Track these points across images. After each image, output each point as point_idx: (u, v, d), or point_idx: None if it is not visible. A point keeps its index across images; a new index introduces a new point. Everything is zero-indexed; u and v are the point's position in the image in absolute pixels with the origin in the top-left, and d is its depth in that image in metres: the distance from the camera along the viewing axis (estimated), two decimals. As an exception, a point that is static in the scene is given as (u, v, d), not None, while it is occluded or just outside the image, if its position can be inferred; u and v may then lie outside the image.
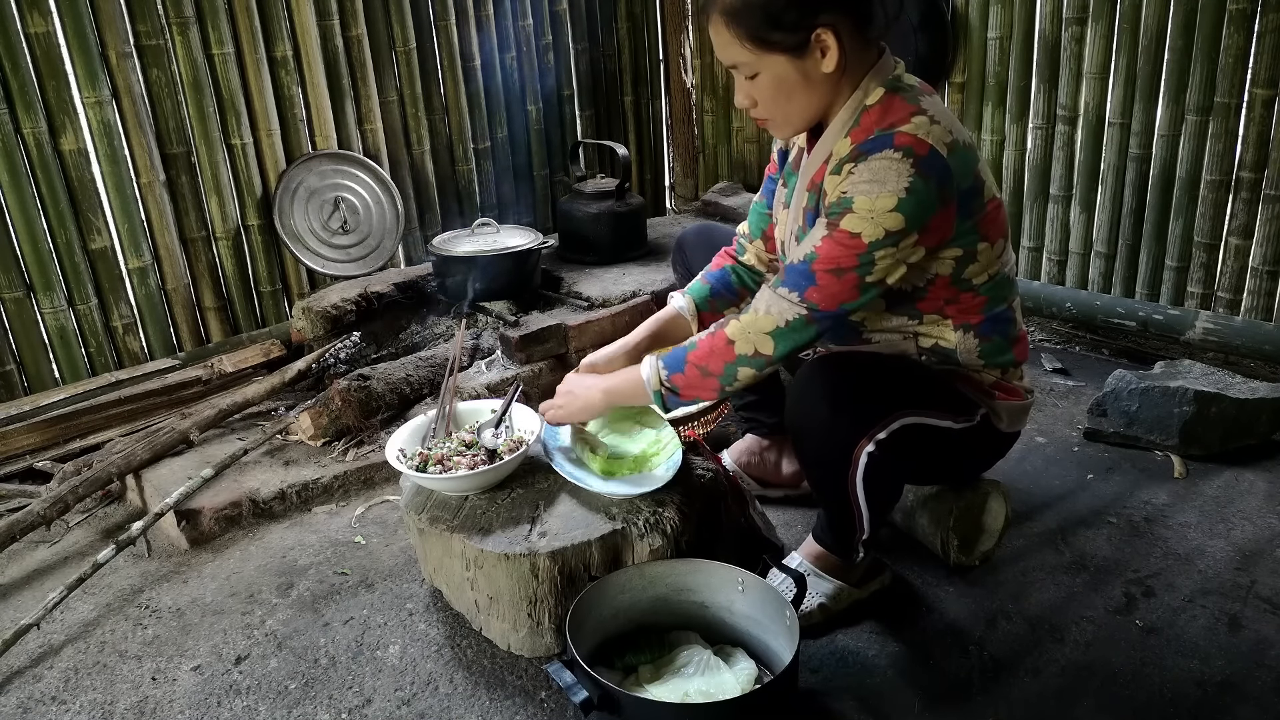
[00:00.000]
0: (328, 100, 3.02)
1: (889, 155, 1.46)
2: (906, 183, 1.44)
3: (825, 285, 1.51)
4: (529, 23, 3.44)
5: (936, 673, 1.67)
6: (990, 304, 1.65)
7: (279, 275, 3.05)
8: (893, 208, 1.45)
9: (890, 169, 1.45)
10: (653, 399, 1.65)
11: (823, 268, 1.51)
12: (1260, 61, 2.45)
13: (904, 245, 1.49)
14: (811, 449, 1.65)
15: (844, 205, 1.49)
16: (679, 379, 1.62)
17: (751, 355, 1.56)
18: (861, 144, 1.50)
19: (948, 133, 1.49)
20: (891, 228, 1.46)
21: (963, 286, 1.61)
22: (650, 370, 1.64)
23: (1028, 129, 2.94)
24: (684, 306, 1.89)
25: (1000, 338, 1.68)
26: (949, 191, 1.49)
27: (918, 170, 1.45)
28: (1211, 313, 2.70)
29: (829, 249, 1.50)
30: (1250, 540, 1.99)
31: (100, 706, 1.68)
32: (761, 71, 1.53)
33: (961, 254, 1.58)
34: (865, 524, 1.66)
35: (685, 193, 4.04)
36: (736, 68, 1.56)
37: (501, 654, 1.74)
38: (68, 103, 2.56)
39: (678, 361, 1.62)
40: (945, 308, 1.64)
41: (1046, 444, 2.41)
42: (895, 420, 1.56)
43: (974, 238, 1.57)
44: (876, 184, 1.46)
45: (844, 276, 1.50)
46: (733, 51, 1.54)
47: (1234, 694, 1.59)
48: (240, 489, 2.24)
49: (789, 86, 1.54)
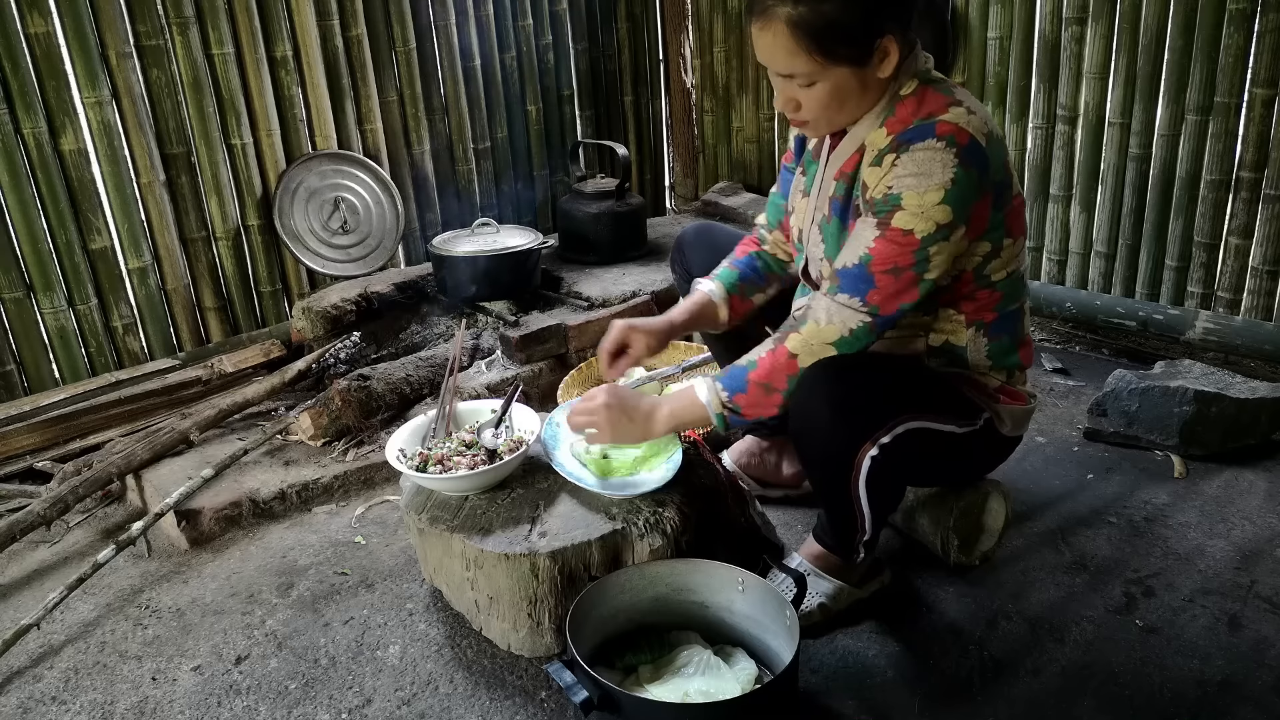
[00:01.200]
0: (328, 100, 3.02)
1: (932, 145, 1.46)
2: (951, 174, 1.45)
3: (884, 286, 1.51)
4: (529, 23, 3.44)
5: (936, 673, 1.67)
6: (1004, 301, 1.65)
7: (279, 275, 3.06)
8: (940, 200, 1.46)
9: (935, 159, 1.46)
10: (715, 421, 1.62)
11: (880, 269, 1.51)
12: (1260, 61, 2.45)
13: (954, 238, 1.50)
14: (814, 452, 1.64)
15: (892, 203, 1.49)
16: (741, 399, 1.59)
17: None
18: (901, 134, 1.50)
19: (984, 124, 1.51)
20: (942, 221, 1.47)
21: (983, 283, 1.62)
22: (709, 393, 1.61)
23: (1028, 129, 2.94)
24: (714, 291, 1.88)
25: (1009, 338, 1.69)
26: (988, 182, 1.50)
27: (960, 160, 1.46)
28: (1211, 312, 2.70)
29: (883, 249, 1.50)
30: (1250, 540, 1.99)
31: (100, 707, 1.68)
32: (821, 81, 1.51)
33: (990, 249, 1.59)
34: (867, 525, 1.66)
35: (685, 193, 4.04)
36: (793, 76, 1.52)
37: (501, 654, 1.74)
38: (68, 103, 2.56)
39: (738, 382, 1.59)
40: (962, 304, 1.64)
41: (1046, 444, 2.41)
42: (899, 424, 1.56)
43: (1001, 232, 1.58)
44: (923, 177, 1.46)
45: (902, 275, 1.50)
46: (795, 61, 1.49)
47: (1234, 694, 1.59)
48: (240, 489, 2.24)
49: (845, 94, 1.53)
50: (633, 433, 1.69)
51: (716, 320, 1.88)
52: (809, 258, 1.75)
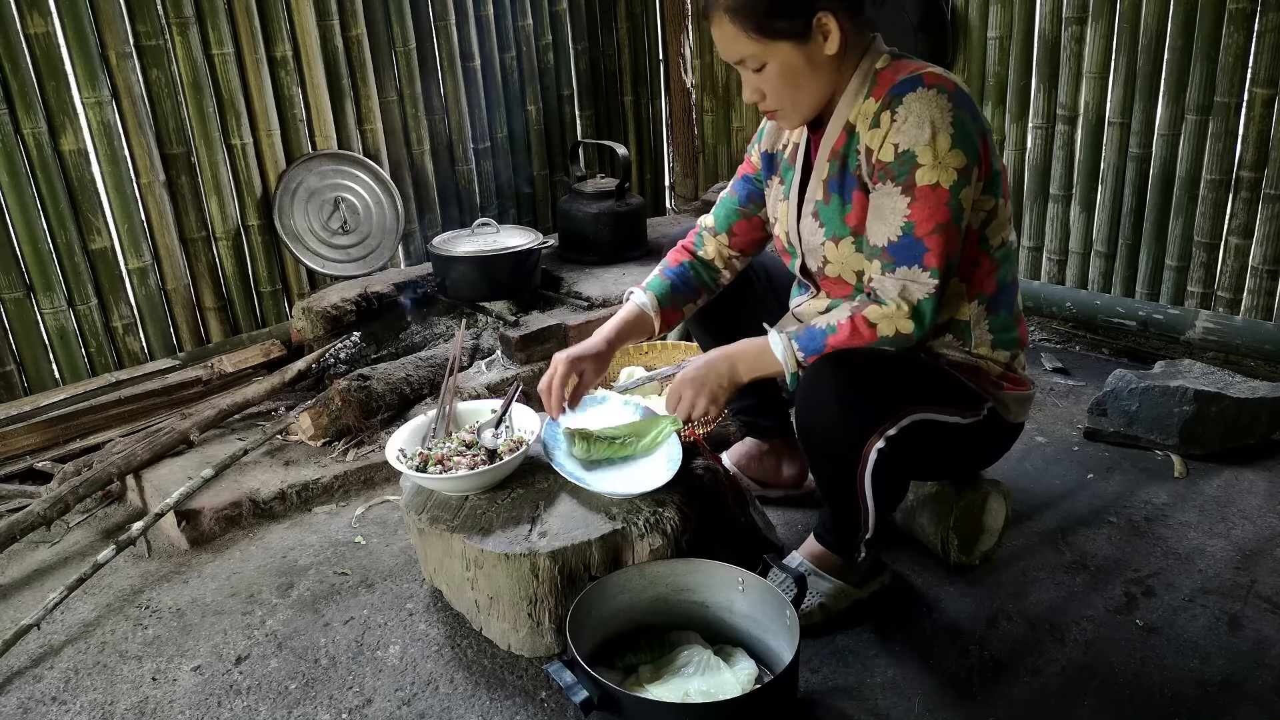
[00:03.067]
0: (328, 100, 3.02)
1: (924, 94, 1.52)
2: (950, 116, 1.51)
3: (935, 246, 1.54)
4: (529, 23, 3.44)
5: (936, 673, 1.67)
6: (1001, 271, 1.68)
7: (279, 275, 3.06)
8: (951, 145, 1.51)
9: (931, 104, 1.51)
10: (789, 380, 1.64)
11: (926, 231, 1.53)
12: (1260, 61, 2.45)
13: (973, 179, 1.54)
14: (821, 445, 1.64)
15: (909, 161, 1.52)
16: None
17: (894, 335, 1.57)
18: (889, 90, 1.55)
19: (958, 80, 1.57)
20: (959, 166, 1.51)
21: (984, 246, 1.65)
22: (785, 351, 1.62)
23: (1027, 128, 2.94)
24: (647, 303, 1.88)
25: (1007, 313, 1.71)
26: (982, 122, 1.56)
27: (954, 103, 1.51)
28: (1211, 312, 2.70)
29: (920, 210, 1.53)
30: (1250, 539, 1.99)
31: (100, 707, 1.68)
32: (769, 61, 1.57)
33: (992, 206, 1.62)
34: (870, 522, 1.66)
35: (685, 192, 4.04)
36: (743, 62, 1.59)
37: (502, 654, 1.74)
38: (68, 103, 2.56)
39: (817, 343, 1.60)
40: (966, 269, 1.66)
41: (1046, 444, 2.41)
42: (905, 416, 1.57)
43: (998, 186, 1.62)
44: (924, 125, 1.50)
45: (947, 229, 1.54)
46: (739, 46, 1.57)
47: (1234, 693, 1.59)
48: (240, 489, 2.24)
49: (795, 73, 1.57)
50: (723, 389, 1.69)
51: (649, 330, 1.90)
52: (805, 253, 1.76)
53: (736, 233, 1.91)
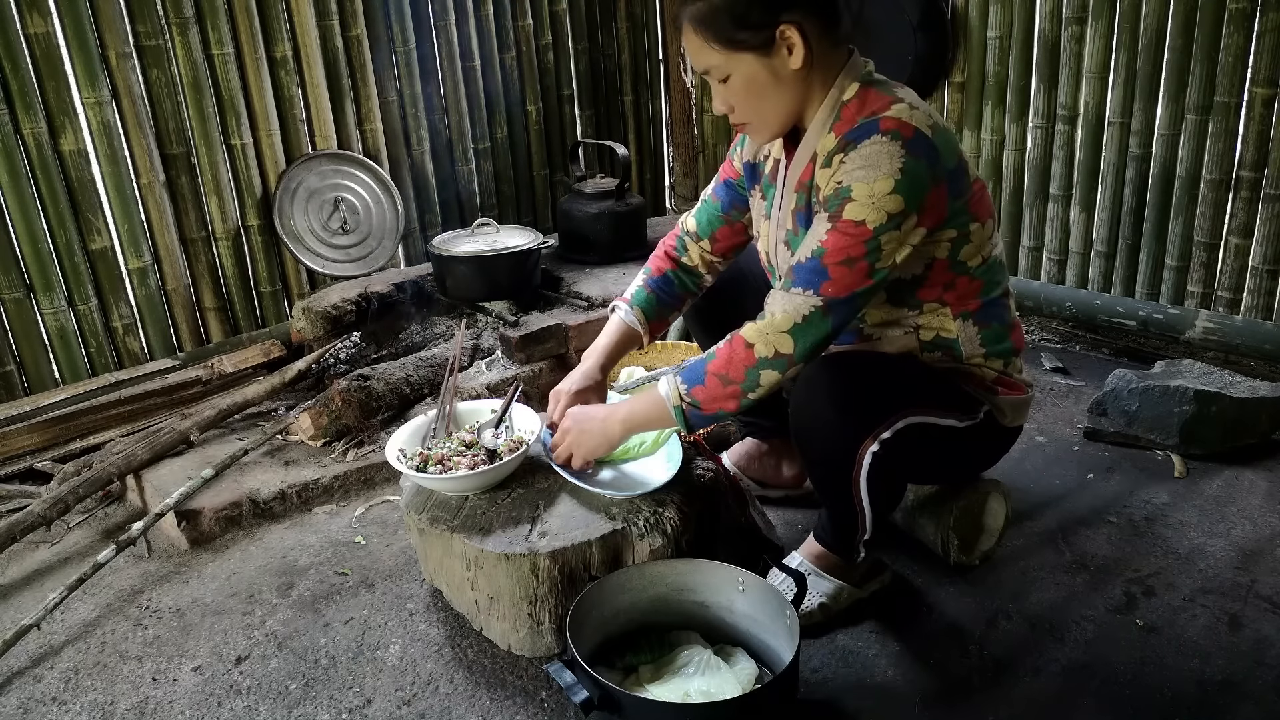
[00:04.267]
0: (328, 100, 3.02)
1: (877, 140, 1.48)
2: (900, 164, 1.47)
3: (838, 277, 1.51)
4: (529, 23, 3.44)
5: (936, 672, 1.67)
6: (986, 289, 1.66)
7: (279, 275, 3.06)
8: (891, 190, 1.47)
9: (881, 152, 1.47)
10: (674, 416, 1.61)
11: (833, 261, 1.51)
12: (1260, 60, 2.45)
13: (905, 227, 1.50)
14: (816, 448, 1.64)
15: (843, 195, 1.50)
16: (700, 392, 1.58)
17: (772, 357, 1.53)
18: (847, 134, 1.52)
19: (928, 116, 1.52)
20: (893, 210, 1.47)
21: (959, 270, 1.62)
22: (669, 387, 1.61)
23: (1027, 128, 2.94)
24: (634, 319, 1.89)
25: (998, 324, 1.69)
26: (939, 170, 1.51)
27: (908, 151, 1.47)
28: (1211, 312, 2.70)
29: (836, 241, 1.50)
30: (1250, 539, 1.99)
31: (100, 707, 1.68)
32: (733, 73, 1.56)
33: (956, 235, 1.59)
34: (868, 524, 1.66)
35: (685, 192, 4.04)
36: (709, 73, 1.58)
37: (502, 654, 1.74)
38: (67, 103, 2.56)
39: (696, 374, 1.58)
40: (944, 294, 1.64)
41: (1046, 443, 2.41)
42: (899, 419, 1.56)
43: (966, 218, 1.59)
44: (870, 169, 1.47)
45: (855, 266, 1.50)
46: (704, 56, 1.56)
47: (1234, 693, 1.59)
48: (240, 489, 2.24)
49: (759, 86, 1.56)
50: (598, 443, 1.71)
51: (639, 344, 1.92)
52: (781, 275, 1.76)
53: (719, 239, 1.92)
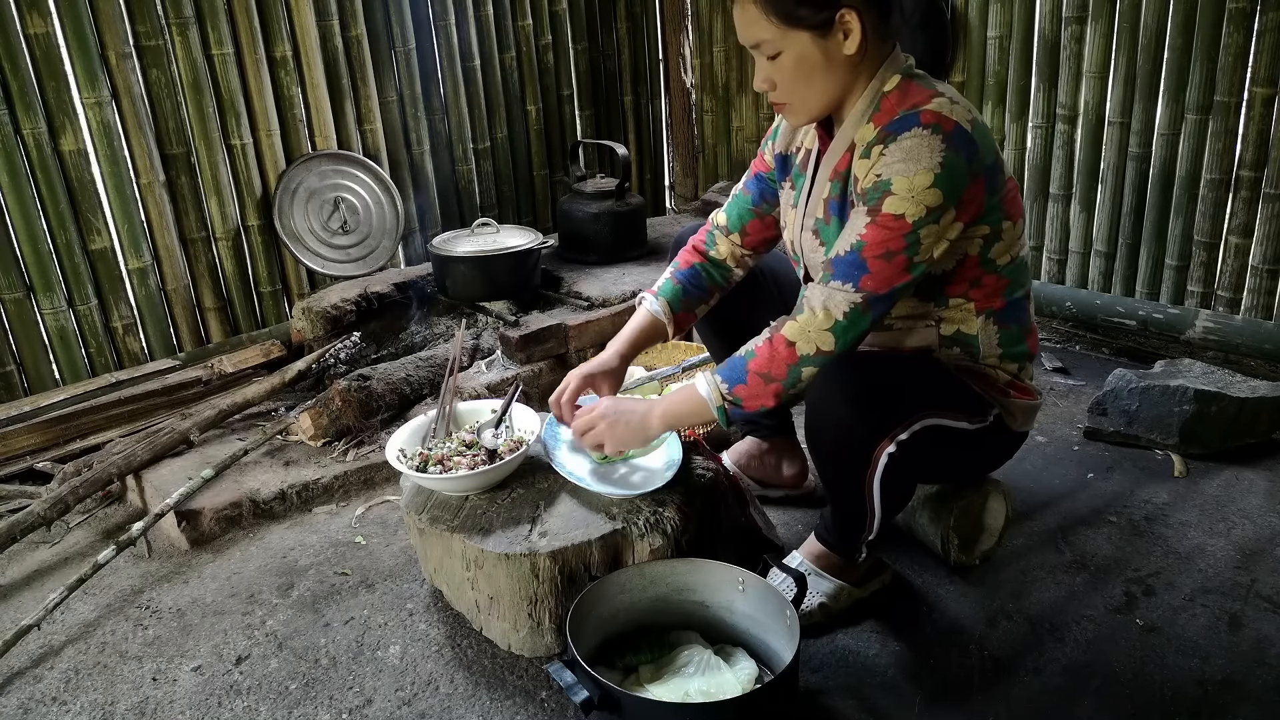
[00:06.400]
0: (327, 100, 3.02)
1: (918, 133, 1.48)
2: (940, 158, 1.47)
3: (877, 271, 1.51)
4: (529, 23, 3.44)
5: (937, 672, 1.67)
6: (1011, 288, 1.66)
7: (279, 275, 3.06)
8: (930, 184, 1.47)
9: (921, 145, 1.47)
10: (716, 415, 1.61)
11: (873, 254, 1.51)
12: (1260, 60, 2.45)
13: (944, 221, 1.50)
14: (831, 449, 1.64)
15: (882, 189, 1.50)
16: (741, 390, 1.58)
17: (814, 354, 1.54)
18: (887, 125, 1.52)
19: (968, 111, 1.52)
20: (932, 204, 1.48)
21: (988, 267, 1.62)
22: (708, 387, 1.60)
23: (1027, 128, 2.94)
24: (660, 310, 1.88)
25: (1017, 326, 1.70)
26: (978, 165, 1.51)
27: (948, 145, 1.47)
28: (1211, 311, 2.70)
29: (875, 234, 1.51)
30: (1251, 539, 1.99)
31: (101, 707, 1.68)
32: (785, 50, 1.54)
33: (989, 231, 1.59)
34: (875, 524, 1.66)
35: (685, 192, 4.04)
36: (759, 47, 1.56)
37: (502, 654, 1.74)
38: (67, 103, 2.56)
39: (738, 372, 1.58)
40: (970, 291, 1.64)
41: (1046, 443, 2.41)
42: (917, 421, 1.56)
43: (999, 215, 1.59)
44: (911, 162, 1.47)
45: (894, 259, 1.51)
46: (758, 29, 1.54)
47: (1235, 693, 1.59)
48: (240, 489, 2.24)
49: (809, 66, 1.55)
50: (633, 437, 1.70)
51: (663, 336, 1.90)
52: (808, 265, 1.76)
53: (749, 232, 1.90)
